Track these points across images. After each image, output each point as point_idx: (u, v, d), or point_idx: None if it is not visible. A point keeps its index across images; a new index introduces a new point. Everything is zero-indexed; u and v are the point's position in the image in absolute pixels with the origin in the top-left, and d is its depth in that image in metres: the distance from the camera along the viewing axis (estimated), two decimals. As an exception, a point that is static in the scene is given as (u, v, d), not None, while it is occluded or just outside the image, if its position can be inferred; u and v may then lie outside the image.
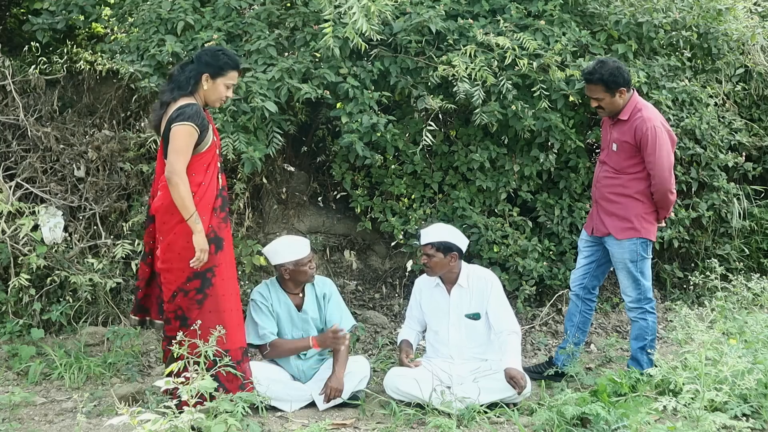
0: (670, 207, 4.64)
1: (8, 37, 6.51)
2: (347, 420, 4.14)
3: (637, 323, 4.65)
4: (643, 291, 4.61)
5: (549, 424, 3.82)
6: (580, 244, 4.92)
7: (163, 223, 3.97)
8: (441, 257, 4.44)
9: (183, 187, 3.82)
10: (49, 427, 4.04)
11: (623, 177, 4.57)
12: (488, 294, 4.53)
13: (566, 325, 4.96)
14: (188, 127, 3.83)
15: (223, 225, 4.04)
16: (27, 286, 5.12)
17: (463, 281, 4.54)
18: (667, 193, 4.50)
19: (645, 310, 4.61)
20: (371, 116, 5.16)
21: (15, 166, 5.65)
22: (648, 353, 4.60)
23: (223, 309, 3.99)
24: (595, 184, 4.77)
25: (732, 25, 6.12)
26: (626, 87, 4.50)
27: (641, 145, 4.45)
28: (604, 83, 4.45)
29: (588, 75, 4.52)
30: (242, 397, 3.62)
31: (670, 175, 4.48)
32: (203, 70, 3.96)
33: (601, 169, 4.72)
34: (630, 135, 4.48)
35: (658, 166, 4.43)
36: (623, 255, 4.58)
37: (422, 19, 5.25)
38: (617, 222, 4.58)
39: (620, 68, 4.49)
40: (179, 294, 3.96)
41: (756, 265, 6.79)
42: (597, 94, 4.51)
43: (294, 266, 4.44)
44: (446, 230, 4.54)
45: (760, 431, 3.70)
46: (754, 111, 7.13)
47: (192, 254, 3.88)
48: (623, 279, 4.65)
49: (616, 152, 4.57)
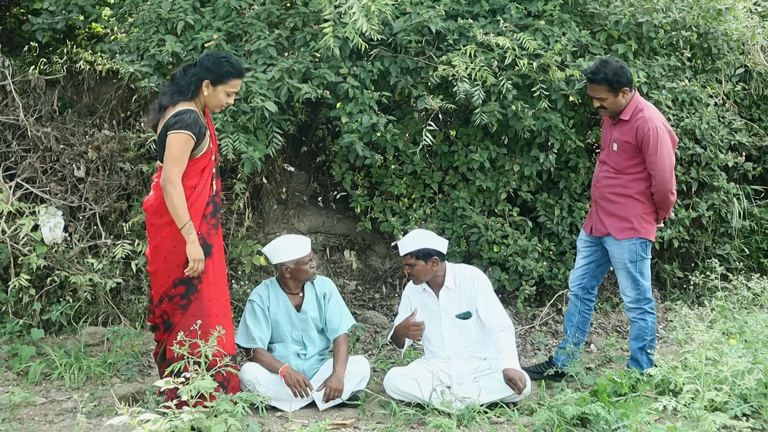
0: (670, 207, 4.64)
1: (8, 37, 6.51)
2: (347, 420, 4.14)
3: (636, 323, 4.64)
4: (642, 291, 4.60)
5: (549, 424, 3.82)
6: (579, 244, 4.92)
7: (151, 224, 3.96)
8: (422, 264, 4.41)
9: (177, 197, 3.79)
10: (49, 427, 4.04)
11: (623, 177, 4.56)
12: (476, 292, 4.52)
13: (566, 325, 4.96)
14: (185, 135, 3.78)
15: (213, 231, 4.00)
16: (27, 286, 5.12)
17: (449, 282, 4.53)
18: (668, 194, 4.50)
19: (644, 311, 4.61)
20: (371, 116, 5.16)
21: (15, 166, 5.65)
22: (648, 353, 4.59)
23: (208, 314, 3.93)
24: (595, 184, 4.76)
25: (732, 25, 6.13)
26: (629, 87, 4.49)
27: (642, 145, 4.44)
28: (608, 83, 4.43)
29: (591, 75, 4.50)
30: (242, 397, 3.62)
31: (671, 176, 4.48)
32: (204, 76, 3.90)
33: (601, 168, 4.71)
34: (631, 135, 4.47)
35: (659, 166, 4.43)
36: (622, 255, 4.58)
37: (422, 19, 5.25)
38: (617, 222, 4.58)
39: (623, 68, 4.48)
40: (165, 299, 3.94)
41: (756, 265, 6.79)
42: (600, 94, 4.50)
43: (295, 265, 4.44)
44: (422, 236, 4.48)
45: (760, 431, 3.70)
46: (754, 111, 7.13)
47: (178, 258, 3.86)
48: (622, 279, 4.64)
49: (617, 152, 4.56)
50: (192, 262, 3.85)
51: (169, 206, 3.81)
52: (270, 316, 4.50)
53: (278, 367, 4.33)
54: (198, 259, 3.86)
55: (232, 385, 3.99)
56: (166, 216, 3.85)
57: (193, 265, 3.85)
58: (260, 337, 4.45)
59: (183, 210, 3.80)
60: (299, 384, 4.26)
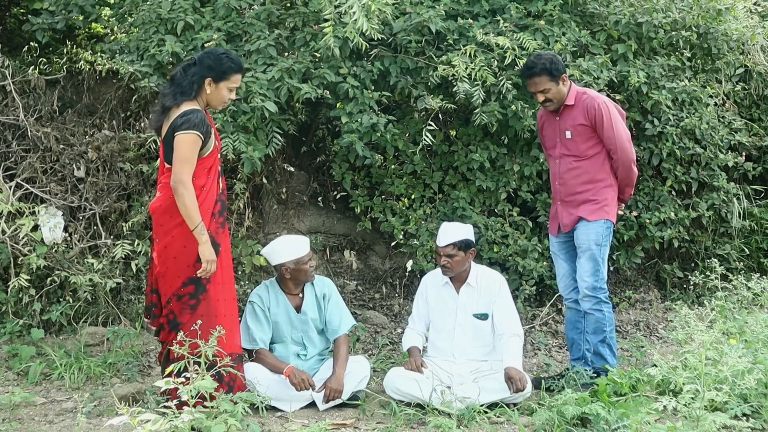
0: (634, 182, 4.67)
1: (8, 37, 6.51)
2: (347, 420, 4.14)
3: (592, 315, 4.57)
4: (600, 279, 4.55)
5: (549, 424, 3.82)
6: (554, 248, 4.84)
7: (160, 225, 3.93)
8: (462, 255, 4.46)
9: (189, 198, 3.78)
10: (49, 427, 4.04)
11: (585, 162, 4.57)
12: (496, 295, 4.53)
13: (570, 335, 4.78)
14: (193, 135, 3.78)
15: (221, 230, 4.00)
16: (27, 287, 5.12)
17: (472, 280, 4.55)
18: (631, 165, 4.55)
19: (600, 300, 4.55)
20: (371, 116, 5.16)
21: (15, 166, 5.65)
22: (609, 345, 4.56)
23: (216, 314, 3.92)
24: (557, 181, 4.72)
25: (732, 25, 6.13)
26: (565, 74, 4.57)
27: (596, 123, 4.50)
28: (548, 71, 4.49)
29: (530, 68, 4.55)
30: (242, 397, 3.62)
31: (630, 146, 4.55)
32: (206, 74, 3.90)
33: (560, 163, 4.68)
34: (582, 116, 4.53)
35: (618, 137, 4.49)
36: (589, 236, 4.54)
37: (422, 19, 5.25)
38: (589, 206, 4.57)
39: (556, 56, 4.59)
40: (173, 299, 3.92)
41: (756, 265, 6.79)
42: (543, 86, 4.53)
43: (294, 265, 4.44)
44: (463, 228, 4.55)
45: (760, 431, 3.70)
46: (754, 111, 7.14)
47: (188, 258, 3.85)
48: (585, 263, 4.56)
49: (572, 139, 4.59)
50: (205, 263, 3.83)
51: (180, 207, 3.79)
52: (270, 317, 4.50)
53: (282, 368, 4.33)
54: (211, 260, 3.84)
55: (237, 385, 3.99)
56: (177, 217, 3.83)
57: (206, 266, 3.84)
58: (261, 338, 4.45)
59: (195, 211, 3.80)
60: (304, 383, 4.26)
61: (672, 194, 6.27)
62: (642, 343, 5.46)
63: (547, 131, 4.79)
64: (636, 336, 5.73)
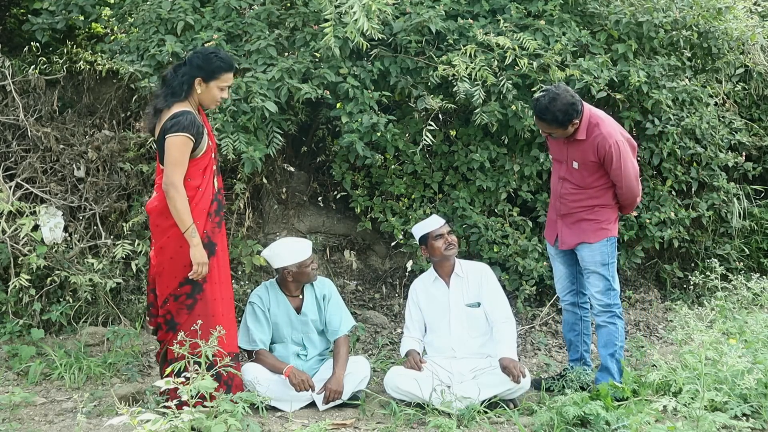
0: (635, 207, 4.65)
1: (8, 37, 6.51)
2: (347, 420, 4.14)
3: (605, 328, 4.49)
4: (613, 296, 4.48)
5: (549, 425, 3.82)
6: (551, 252, 4.78)
7: (156, 225, 3.94)
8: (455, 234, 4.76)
9: (180, 201, 3.78)
10: (49, 427, 4.04)
11: (589, 191, 4.46)
12: (484, 282, 4.61)
13: (568, 336, 4.77)
14: (183, 137, 3.78)
15: (217, 230, 4.00)
16: (27, 287, 5.12)
17: (459, 271, 4.64)
18: (635, 199, 4.51)
19: (614, 314, 4.48)
20: (371, 116, 5.16)
21: (15, 166, 5.65)
22: (618, 361, 4.47)
23: (213, 314, 3.93)
24: (559, 200, 4.60)
25: (732, 25, 6.13)
26: (578, 118, 4.29)
27: (605, 162, 4.32)
28: (559, 123, 4.28)
29: (541, 114, 4.29)
30: (242, 397, 3.62)
31: (637, 183, 4.44)
32: (196, 74, 3.88)
33: (563, 185, 4.55)
34: (592, 153, 4.34)
35: (626, 177, 4.35)
36: (594, 258, 4.46)
37: (422, 19, 5.25)
38: (590, 226, 4.48)
39: (573, 104, 4.24)
40: (170, 299, 3.93)
41: (756, 265, 6.79)
42: (549, 131, 4.37)
43: (297, 268, 4.44)
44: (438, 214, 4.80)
45: (760, 431, 3.70)
46: (754, 111, 7.13)
47: (185, 258, 3.86)
48: (595, 282, 4.49)
49: (579, 170, 4.43)
50: (196, 266, 3.84)
51: (171, 210, 3.80)
52: (270, 318, 4.50)
53: (282, 368, 4.33)
54: (202, 263, 3.85)
55: (235, 384, 4.00)
56: (172, 218, 3.84)
57: (197, 269, 3.85)
58: (261, 338, 4.45)
59: (186, 213, 3.80)
60: (304, 383, 4.26)
61: (672, 194, 6.26)
62: (642, 343, 5.45)
63: (554, 147, 4.61)
64: (636, 336, 5.72)
